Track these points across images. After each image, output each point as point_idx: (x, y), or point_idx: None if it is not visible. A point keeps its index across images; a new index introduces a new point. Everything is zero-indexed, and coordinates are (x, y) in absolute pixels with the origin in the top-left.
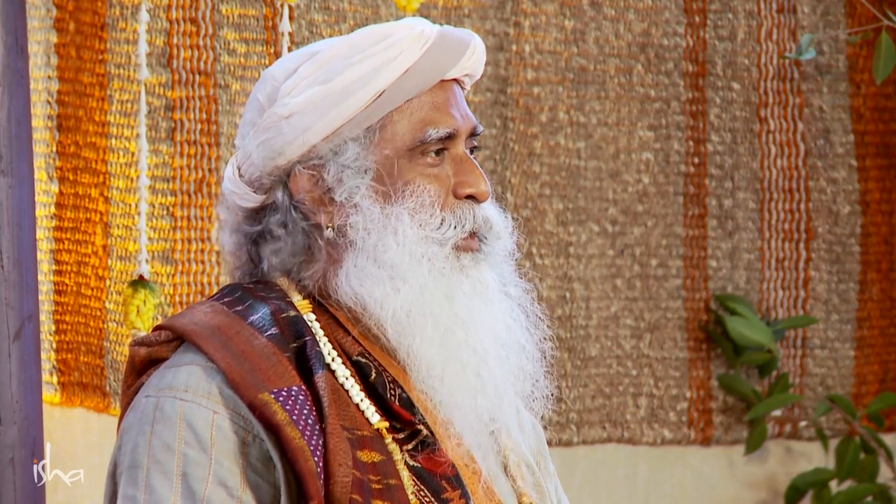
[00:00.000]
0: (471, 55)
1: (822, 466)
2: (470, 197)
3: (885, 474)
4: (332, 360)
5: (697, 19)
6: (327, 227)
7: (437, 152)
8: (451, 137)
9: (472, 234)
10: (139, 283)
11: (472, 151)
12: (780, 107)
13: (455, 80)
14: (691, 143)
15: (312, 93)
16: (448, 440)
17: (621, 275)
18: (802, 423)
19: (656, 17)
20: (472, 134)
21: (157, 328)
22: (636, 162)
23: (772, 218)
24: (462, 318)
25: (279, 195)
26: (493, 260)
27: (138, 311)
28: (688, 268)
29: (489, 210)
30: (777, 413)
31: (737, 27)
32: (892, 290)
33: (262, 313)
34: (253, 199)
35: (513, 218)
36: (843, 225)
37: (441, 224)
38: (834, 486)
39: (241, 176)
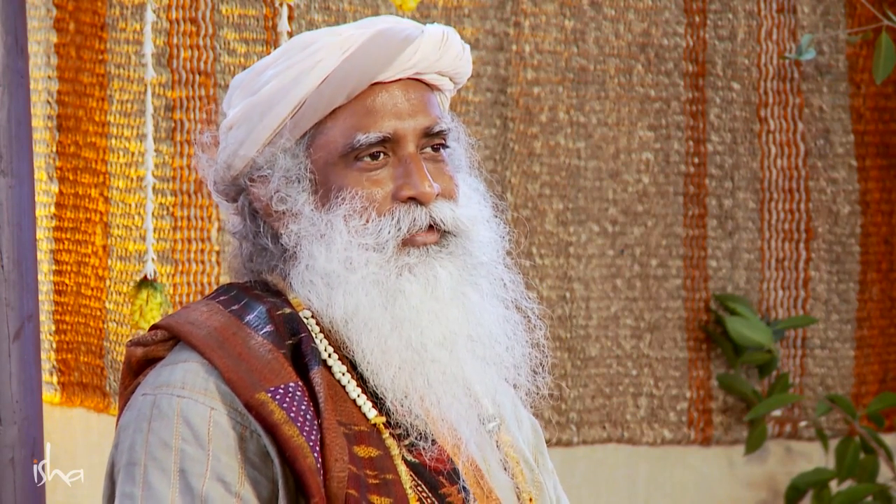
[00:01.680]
0: (412, 53)
1: (822, 466)
2: (413, 199)
3: (885, 474)
4: (329, 355)
5: (697, 19)
6: (282, 234)
7: (375, 156)
8: (388, 141)
9: (431, 228)
10: (144, 282)
11: (436, 149)
12: (780, 107)
13: (417, 80)
14: (691, 143)
15: (243, 105)
16: (446, 435)
17: (621, 275)
18: (802, 423)
19: (656, 17)
20: (428, 133)
21: (153, 327)
22: (636, 162)
23: (772, 218)
24: (402, 321)
25: (241, 203)
26: (459, 254)
27: (141, 312)
28: (688, 268)
29: (445, 208)
30: (777, 413)
31: (737, 27)
32: (892, 290)
33: (257, 311)
34: (227, 206)
35: (513, 218)
36: (843, 225)
37: (378, 229)
38: (834, 486)
39: (214, 184)
